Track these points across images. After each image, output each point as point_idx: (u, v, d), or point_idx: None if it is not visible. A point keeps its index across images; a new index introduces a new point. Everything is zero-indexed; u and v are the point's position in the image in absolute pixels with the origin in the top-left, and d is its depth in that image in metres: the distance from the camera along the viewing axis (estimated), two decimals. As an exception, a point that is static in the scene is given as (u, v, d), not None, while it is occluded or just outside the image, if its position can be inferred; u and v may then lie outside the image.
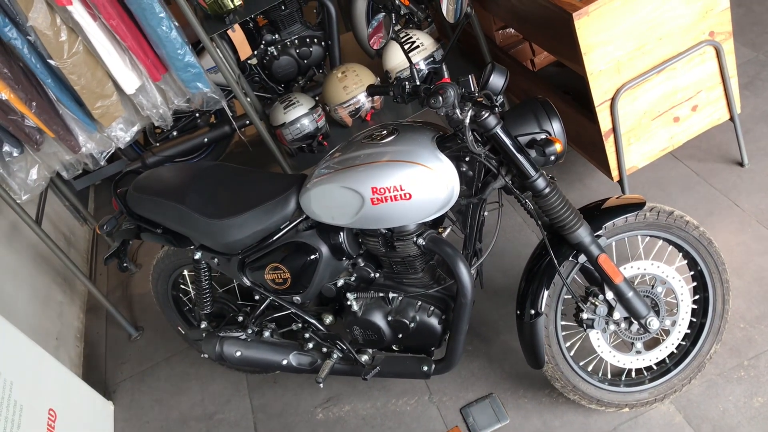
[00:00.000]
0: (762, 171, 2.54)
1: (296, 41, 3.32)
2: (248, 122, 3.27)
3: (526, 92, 2.88)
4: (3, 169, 2.50)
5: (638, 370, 2.02)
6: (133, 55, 2.39)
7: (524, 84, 2.85)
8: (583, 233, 1.72)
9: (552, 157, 1.63)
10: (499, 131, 1.61)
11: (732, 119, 2.44)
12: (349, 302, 1.96)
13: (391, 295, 1.92)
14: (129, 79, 2.44)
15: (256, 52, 3.31)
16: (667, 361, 1.99)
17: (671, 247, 1.91)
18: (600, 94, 2.21)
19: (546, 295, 1.82)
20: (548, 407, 2.11)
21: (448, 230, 1.95)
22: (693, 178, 2.63)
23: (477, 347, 2.35)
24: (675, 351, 1.99)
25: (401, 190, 1.66)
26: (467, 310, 1.81)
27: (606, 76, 2.18)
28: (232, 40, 3.26)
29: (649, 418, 1.99)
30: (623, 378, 2.01)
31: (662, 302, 1.89)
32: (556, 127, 1.68)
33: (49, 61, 2.29)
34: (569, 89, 2.56)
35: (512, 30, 3.06)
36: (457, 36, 1.73)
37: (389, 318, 1.94)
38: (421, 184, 1.65)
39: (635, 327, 1.88)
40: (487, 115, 1.59)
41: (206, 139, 3.36)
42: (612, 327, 1.90)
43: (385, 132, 1.76)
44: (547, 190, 1.66)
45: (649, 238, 1.90)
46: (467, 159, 1.73)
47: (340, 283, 1.99)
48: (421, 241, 1.80)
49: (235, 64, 3.25)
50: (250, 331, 2.15)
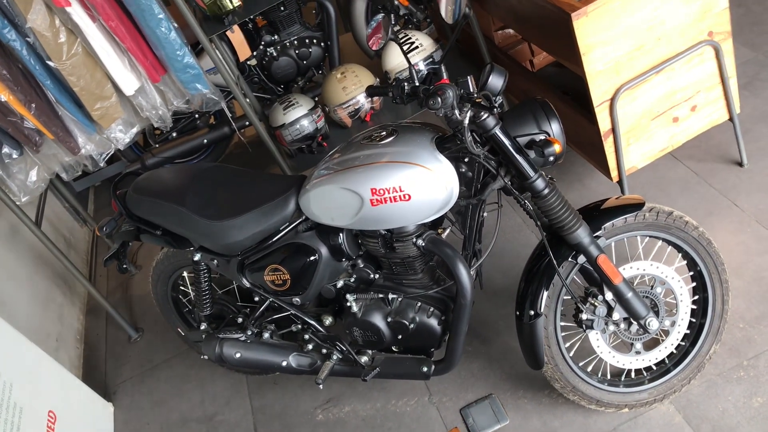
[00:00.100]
0: (761, 171, 2.54)
1: (295, 42, 3.31)
2: (248, 123, 3.27)
3: (525, 93, 2.88)
4: (2, 171, 2.50)
5: (638, 371, 2.03)
6: (132, 56, 2.39)
7: (523, 84, 2.85)
8: (582, 234, 1.72)
9: (551, 158, 1.63)
10: (498, 132, 1.61)
11: (731, 119, 2.44)
12: (348, 303, 1.96)
13: (390, 296, 1.92)
14: (128, 81, 2.44)
15: (255, 53, 3.30)
16: (667, 362, 1.99)
17: (670, 247, 1.91)
18: (599, 95, 2.21)
19: (545, 295, 1.82)
20: (548, 408, 2.11)
21: (448, 231, 1.95)
22: (692, 179, 2.63)
23: (477, 348, 2.36)
24: (674, 351, 1.99)
25: (400, 191, 1.66)
26: (467, 310, 1.81)
27: (605, 77, 2.18)
28: (231, 41, 3.25)
29: (648, 419, 1.99)
30: (623, 378, 2.01)
31: (661, 303, 1.89)
32: (555, 128, 1.68)
33: (48, 62, 2.29)
34: (568, 90, 2.56)
35: (511, 30, 3.06)
36: (456, 37, 1.74)
37: (389, 319, 1.94)
38: (420, 185, 1.65)
39: (635, 327, 1.88)
40: (486, 115, 1.59)
41: (205, 141, 3.35)
42: (611, 327, 1.90)
43: (384, 133, 1.76)
44: (546, 191, 1.66)
45: (648, 238, 1.90)
46: (466, 160, 1.73)
47: (340, 284, 1.99)
48: (420, 242, 1.80)
49: (234, 65, 3.25)
50: (249, 332, 2.14)
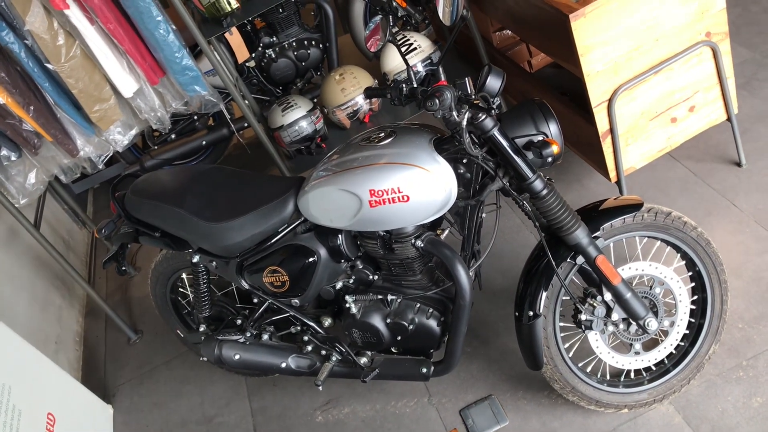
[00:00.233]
0: (759, 171, 2.54)
1: (294, 44, 3.31)
2: (246, 125, 3.27)
3: (523, 94, 2.88)
4: (1, 174, 2.50)
5: (637, 371, 2.03)
6: (130, 58, 2.39)
7: (521, 85, 2.85)
8: (581, 234, 1.72)
9: (549, 159, 1.63)
10: (496, 133, 1.61)
11: (729, 119, 2.45)
12: (347, 305, 1.96)
13: (389, 297, 1.92)
14: (127, 83, 2.44)
15: (253, 55, 3.30)
16: (666, 362, 1.99)
17: (669, 248, 1.91)
18: (597, 96, 2.21)
19: (544, 296, 1.82)
20: (547, 408, 2.11)
21: (446, 232, 1.95)
22: (691, 179, 2.63)
23: (476, 349, 2.35)
24: (674, 352, 1.99)
25: (399, 192, 1.66)
26: (466, 311, 1.81)
27: (603, 77, 2.18)
28: (230, 43, 3.25)
29: (648, 419, 1.99)
30: (622, 379, 2.01)
31: (660, 303, 1.89)
32: (553, 129, 1.69)
33: (46, 65, 2.29)
34: (566, 90, 2.57)
35: (509, 32, 3.06)
36: (453, 38, 1.73)
37: (388, 320, 1.94)
38: (418, 186, 1.65)
39: (634, 328, 1.88)
40: (483, 117, 1.59)
41: (204, 142, 3.35)
42: (610, 328, 1.90)
43: (382, 134, 1.76)
44: (544, 192, 1.66)
45: (647, 239, 1.90)
46: (465, 161, 1.73)
47: (339, 285, 1.99)
48: (419, 243, 1.80)
49: (233, 66, 3.25)
50: (248, 334, 2.14)
